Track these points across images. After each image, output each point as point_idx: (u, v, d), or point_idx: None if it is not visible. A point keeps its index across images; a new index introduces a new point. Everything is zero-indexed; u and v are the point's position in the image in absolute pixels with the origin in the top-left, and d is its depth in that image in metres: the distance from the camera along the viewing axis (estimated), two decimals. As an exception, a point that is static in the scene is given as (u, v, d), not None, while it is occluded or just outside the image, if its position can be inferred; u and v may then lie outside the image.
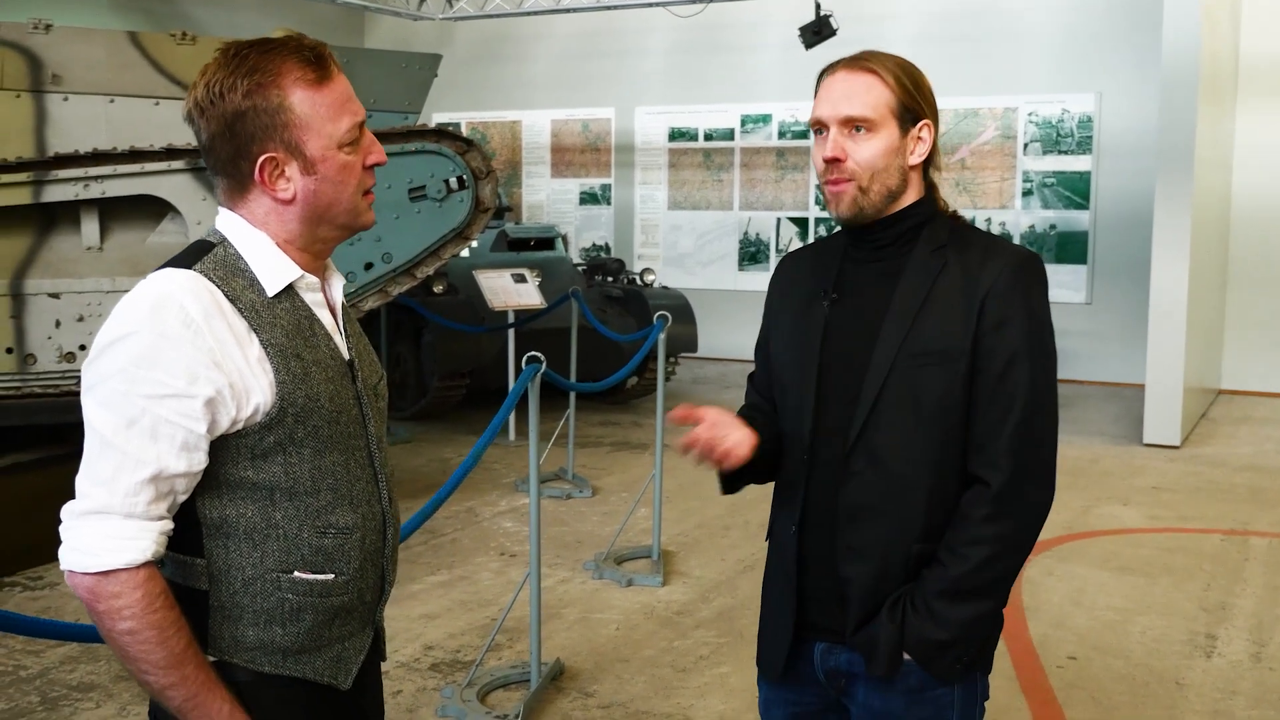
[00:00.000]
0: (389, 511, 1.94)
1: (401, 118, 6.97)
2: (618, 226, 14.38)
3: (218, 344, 1.70)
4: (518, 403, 4.64)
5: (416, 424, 9.72)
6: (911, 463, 2.10)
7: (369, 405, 1.92)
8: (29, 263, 6.10)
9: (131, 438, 1.65)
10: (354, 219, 1.87)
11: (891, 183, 2.13)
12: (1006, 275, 2.09)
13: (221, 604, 1.78)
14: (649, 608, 5.54)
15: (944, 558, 2.07)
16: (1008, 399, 2.07)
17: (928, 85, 2.17)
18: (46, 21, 6.54)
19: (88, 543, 1.65)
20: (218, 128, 1.77)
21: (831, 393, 2.17)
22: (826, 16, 10.85)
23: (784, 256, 2.41)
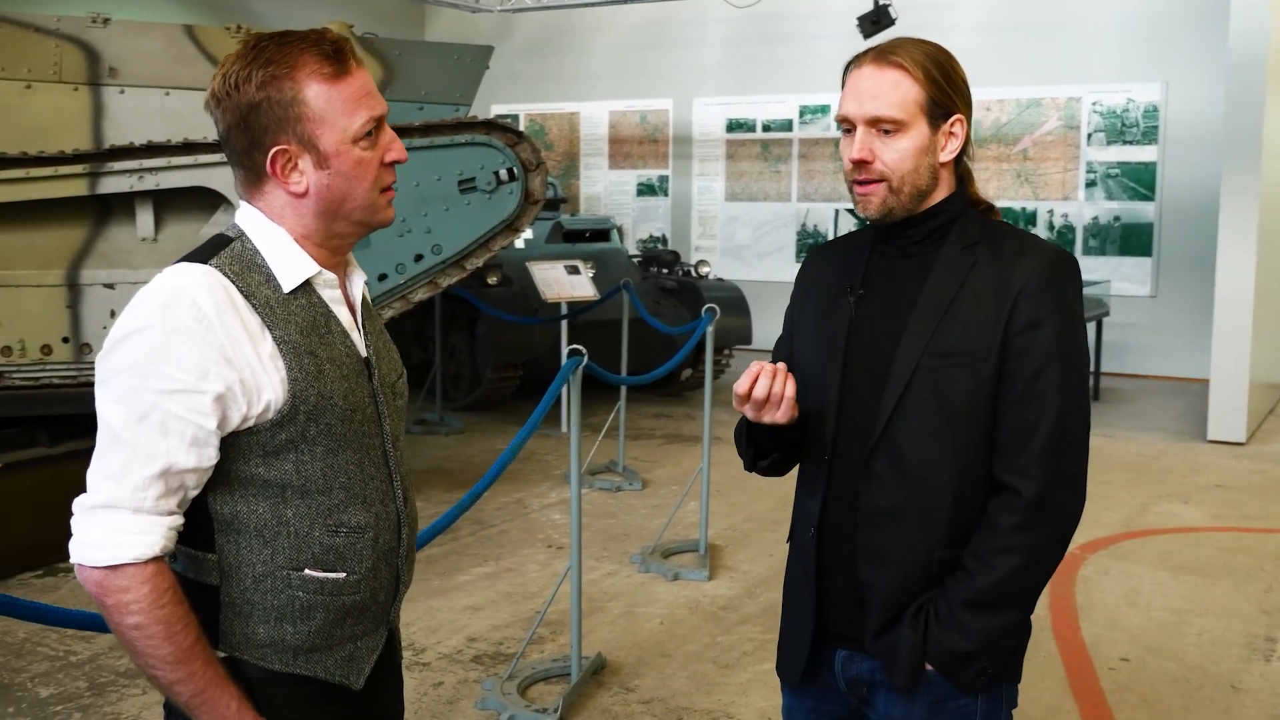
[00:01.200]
0: (404, 511, 1.92)
1: (453, 109, 6.97)
2: (675, 218, 14.34)
3: (230, 340, 1.69)
4: (572, 394, 4.60)
5: (470, 414, 9.75)
6: (935, 465, 2.04)
7: (385, 403, 1.90)
8: (85, 253, 6.19)
9: (141, 432, 1.65)
10: (370, 215, 1.85)
11: (922, 182, 2.06)
12: (1040, 274, 2.02)
13: (232, 600, 1.77)
14: (694, 602, 5.51)
15: (971, 566, 2.01)
16: (1039, 403, 2.00)
17: (961, 75, 2.08)
18: (105, 16, 6.62)
19: (96, 536, 1.65)
20: (233, 119, 1.76)
21: (855, 392, 2.11)
22: (885, 5, 10.73)
23: (811, 250, 2.35)
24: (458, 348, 9.99)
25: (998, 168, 12.44)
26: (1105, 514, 7.07)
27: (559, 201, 11.32)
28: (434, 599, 5.55)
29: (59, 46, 6.43)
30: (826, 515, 2.14)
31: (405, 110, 6.90)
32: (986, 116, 12.41)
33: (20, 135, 6.23)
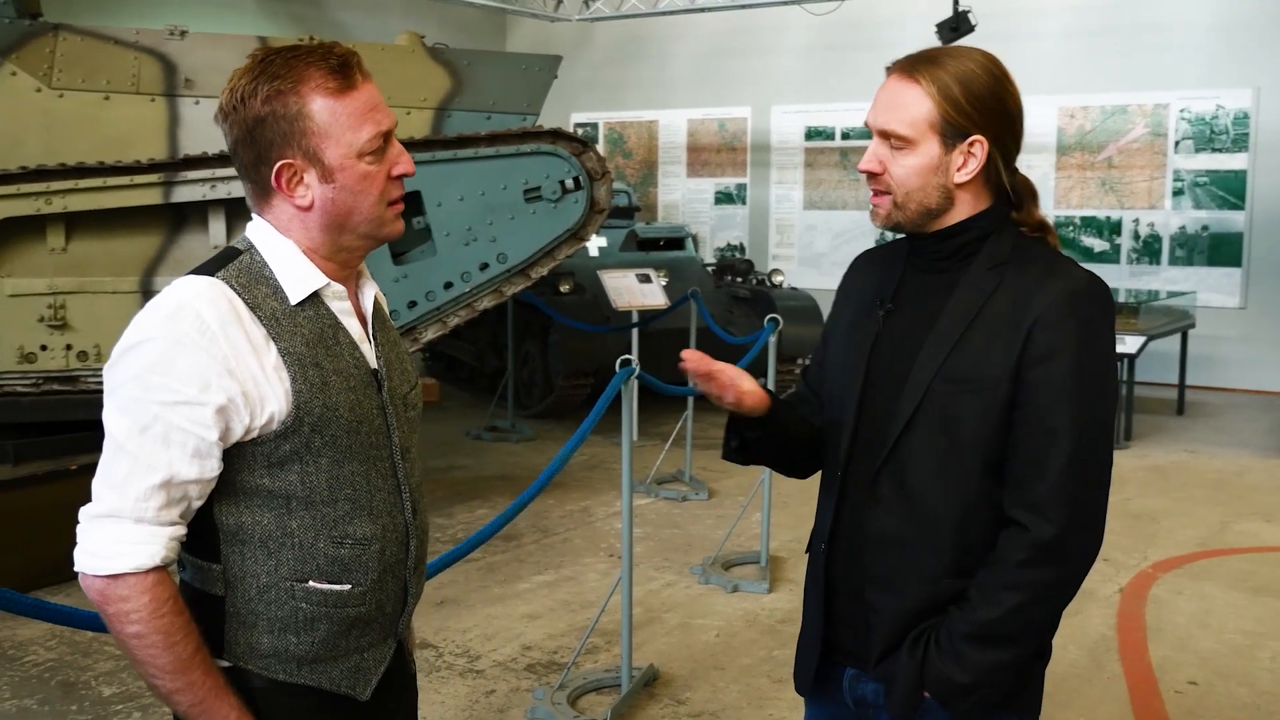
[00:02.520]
0: (413, 523, 1.92)
1: (520, 119, 7.00)
2: (753, 226, 14.28)
3: (233, 351, 1.70)
4: (625, 404, 4.58)
5: (541, 421, 9.79)
6: (940, 494, 1.98)
7: (395, 415, 1.90)
8: (159, 261, 6.33)
9: (144, 443, 1.67)
10: (377, 229, 1.85)
11: (930, 201, 2.00)
12: (1060, 303, 1.93)
13: (237, 610, 1.79)
14: (752, 615, 5.46)
15: (974, 598, 1.95)
16: (1051, 438, 1.92)
17: (995, 95, 1.98)
18: (182, 28, 6.76)
19: (98, 546, 1.67)
20: (240, 133, 1.78)
21: (870, 408, 2.07)
22: (965, 12, 10.59)
23: (858, 255, 2.31)
24: (531, 355, 10.04)
25: (1081, 176, 12.21)
26: (1182, 531, 6.89)
27: (634, 210, 11.33)
28: (492, 606, 5.57)
29: (137, 58, 6.58)
30: (837, 532, 2.12)
31: (473, 120, 6.95)
32: (1070, 124, 12.19)
33: (99, 145, 6.39)
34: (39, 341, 6.19)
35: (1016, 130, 2.03)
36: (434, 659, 4.94)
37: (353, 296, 1.91)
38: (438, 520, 6.97)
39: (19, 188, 6.11)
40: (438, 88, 7.00)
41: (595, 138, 15.13)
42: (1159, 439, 9.59)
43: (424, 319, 6.57)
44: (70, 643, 4.98)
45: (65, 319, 6.18)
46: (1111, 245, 12.13)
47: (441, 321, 6.62)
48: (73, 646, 4.96)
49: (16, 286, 6.15)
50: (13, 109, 6.41)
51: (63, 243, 6.26)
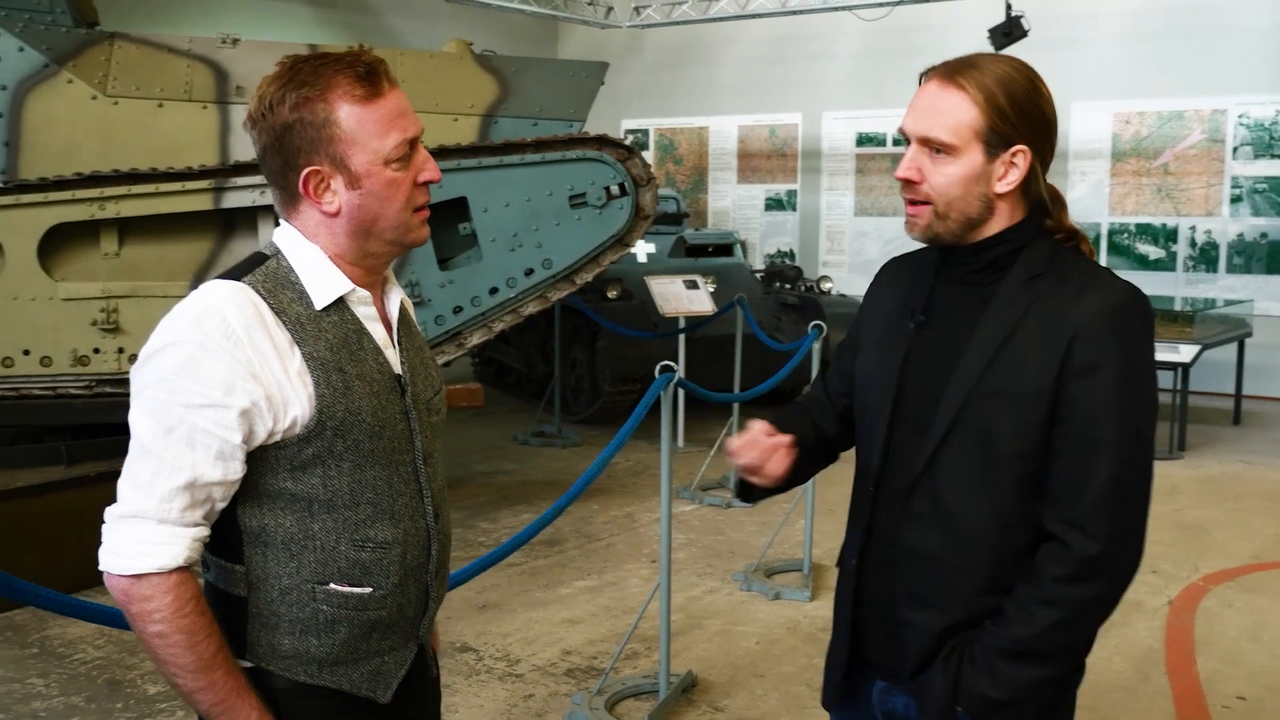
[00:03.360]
0: (435, 527, 1.93)
1: (567, 125, 7.03)
2: (803, 233, 14.24)
3: (257, 356, 1.72)
4: (664, 410, 4.58)
5: (588, 427, 9.81)
6: (978, 510, 1.95)
7: (418, 420, 1.91)
8: (209, 265, 6.42)
9: (169, 445, 1.69)
10: (403, 235, 1.87)
11: (971, 211, 1.97)
12: (1101, 317, 1.90)
13: (259, 611, 1.80)
14: (793, 623, 5.44)
15: (1011, 614, 1.92)
16: (1093, 453, 1.88)
17: (1034, 103, 1.95)
18: (234, 36, 6.86)
19: (123, 546, 1.70)
20: (268, 140, 1.80)
21: (903, 424, 2.04)
22: (1018, 17, 10.50)
23: (888, 261, 2.27)
24: (578, 360, 10.06)
25: (1137, 182, 12.05)
26: (1236, 544, 6.78)
27: (682, 216, 11.33)
28: (534, 610, 5.59)
29: (190, 66, 6.68)
30: (869, 547, 2.09)
31: (520, 126, 6.99)
32: (1125, 130, 12.04)
33: (152, 152, 6.50)
34: (92, 345, 6.30)
35: (1053, 140, 2.00)
36: (474, 662, 4.97)
37: (378, 302, 1.92)
38: (481, 524, 7.01)
39: (74, 194, 6.22)
40: (485, 94, 7.05)
41: (646, 144, 15.15)
42: (1214, 449, 9.44)
43: (469, 324, 6.61)
44: (118, 641, 5.06)
45: (118, 323, 6.29)
46: (1167, 253, 11.97)
47: (487, 327, 6.66)
48: (120, 645, 5.03)
49: (70, 291, 6.27)
50: (69, 116, 6.53)
51: (116, 248, 6.37)
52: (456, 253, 6.68)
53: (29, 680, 4.75)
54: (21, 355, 6.25)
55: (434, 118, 6.89)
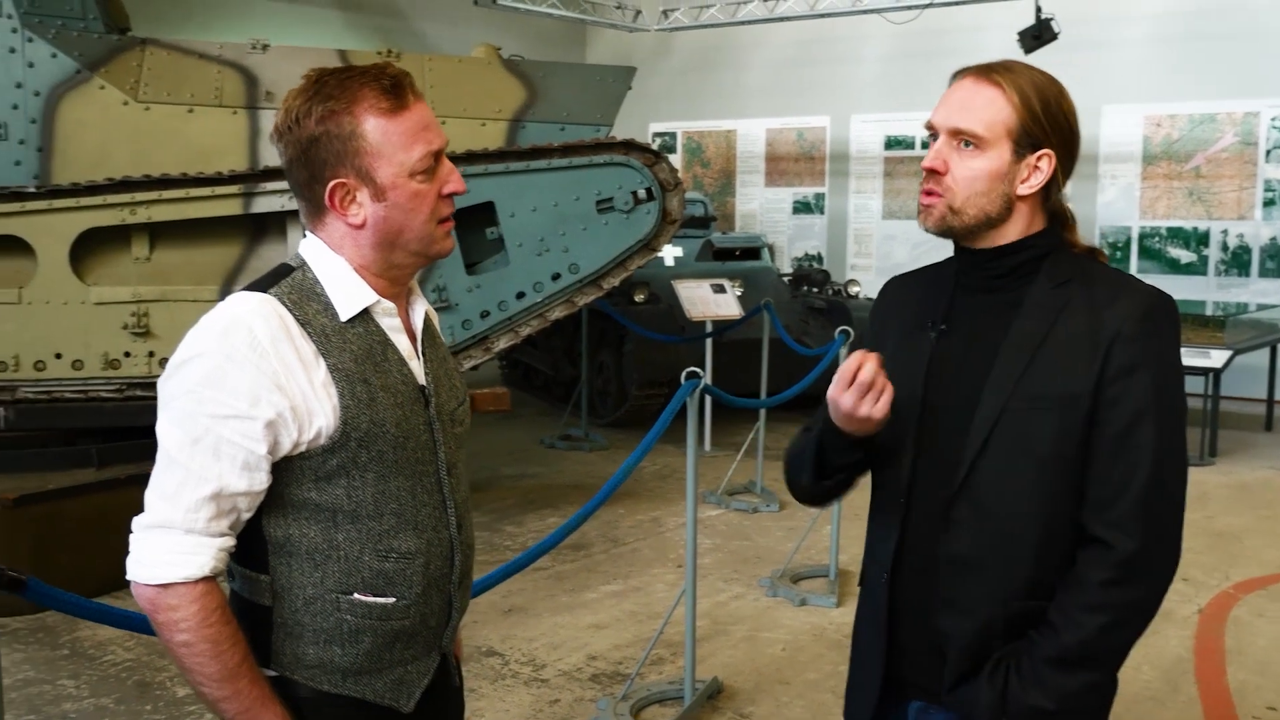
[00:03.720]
0: (458, 538, 1.94)
1: (594, 130, 7.04)
2: (831, 236, 14.20)
3: (283, 367, 1.73)
4: (690, 416, 4.57)
5: (615, 431, 9.81)
6: (1020, 514, 1.95)
7: (442, 431, 1.92)
8: (239, 270, 6.46)
9: (195, 455, 1.71)
10: (427, 247, 1.88)
11: (991, 209, 1.97)
12: (1137, 319, 1.92)
13: (284, 621, 1.82)
14: (819, 629, 5.43)
15: (1056, 621, 1.92)
16: (1134, 455, 1.89)
17: (1063, 111, 1.98)
18: (264, 41, 6.91)
19: (149, 555, 1.72)
20: (295, 152, 1.82)
21: (934, 434, 2.03)
22: (1048, 20, 10.45)
23: (890, 280, 2.27)
24: (605, 364, 10.07)
25: (1168, 186, 11.96)
26: (1267, 551, 6.72)
27: (710, 219, 11.32)
28: (560, 615, 5.60)
29: (220, 72, 6.73)
30: (901, 560, 2.06)
31: (547, 131, 7.00)
32: (1156, 133, 11.95)
33: (182, 157, 6.55)
34: (123, 348, 6.35)
35: (1075, 154, 2.01)
36: (500, 667, 4.98)
37: (403, 313, 1.93)
38: (507, 528, 7.03)
39: (106, 198, 6.28)
40: (513, 99, 7.07)
41: (674, 147, 15.15)
42: (1245, 456, 9.36)
43: (496, 328, 6.63)
44: (148, 644, 5.10)
45: (148, 326, 6.34)
46: (1199, 257, 11.87)
47: (513, 331, 6.67)
48: (150, 647, 5.07)
49: (102, 295, 6.32)
50: (101, 122, 6.59)
51: (147, 252, 6.42)
52: (483, 257, 6.70)
53: (60, 682, 4.80)
54: (54, 358, 6.31)
55: (462, 123, 6.92)
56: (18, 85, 6.48)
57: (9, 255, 6.31)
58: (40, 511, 5.75)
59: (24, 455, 6.17)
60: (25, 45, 6.47)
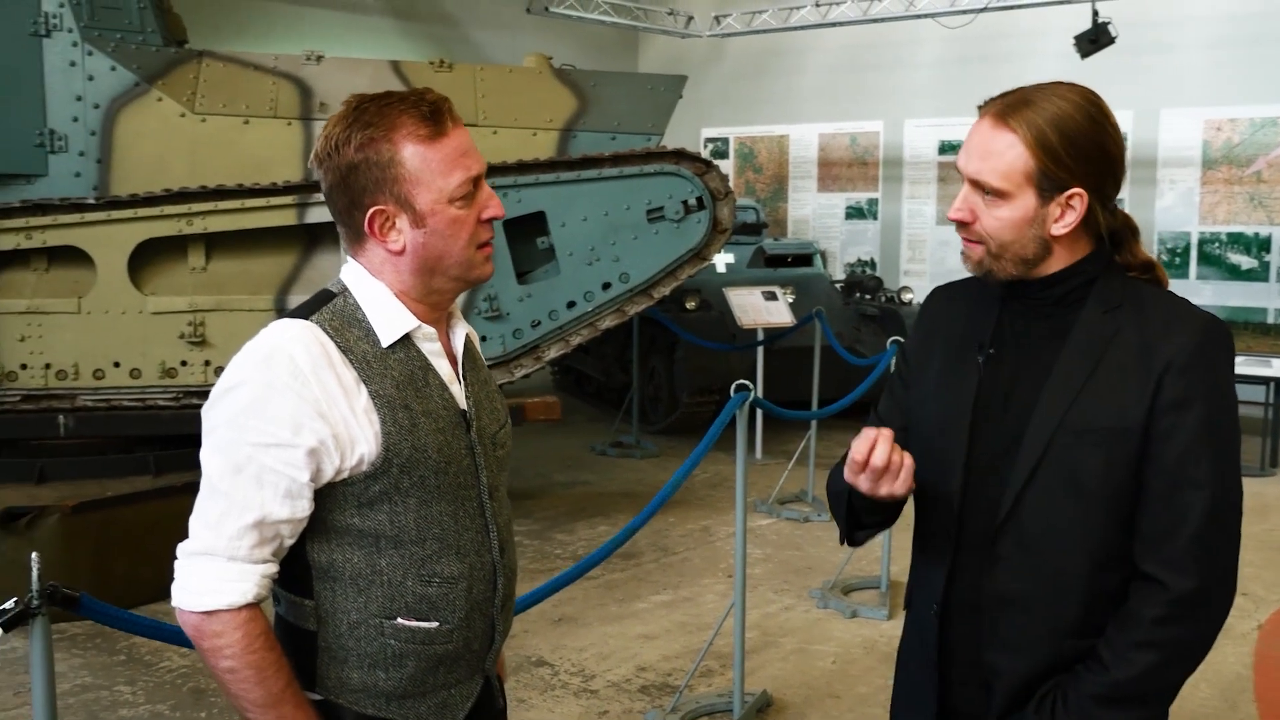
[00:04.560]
0: (500, 561, 1.94)
1: (645, 139, 7.05)
2: (884, 242, 14.10)
3: (324, 395, 1.74)
4: (739, 428, 4.56)
5: (666, 438, 9.81)
6: (1067, 551, 1.90)
7: (483, 455, 1.93)
8: (293, 279, 6.53)
9: (238, 484, 1.73)
10: (467, 272, 1.88)
11: (1027, 253, 1.92)
12: (1191, 347, 1.85)
13: (328, 645, 1.83)
14: (870, 642, 5.39)
15: (1105, 658, 1.87)
16: (1189, 490, 1.84)
17: (1094, 140, 1.88)
18: (318, 53, 6.97)
19: (194, 583, 1.73)
20: (334, 179, 1.83)
21: (981, 464, 1.97)
22: (1105, 23, 10.33)
23: (935, 290, 2.20)
24: (656, 370, 10.07)
25: (1228, 191, 11.76)
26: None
27: (761, 226, 11.29)
28: (609, 625, 5.60)
29: (275, 84, 6.81)
30: (951, 593, 2.02)
31: (598, 140, 7.02)
32: (1217, 137, 11.76)
33: (237, 168, 6.63)
34: (179, 357, 6.44)
35: (1118, 174, 1.93)
36: (549, 677, 4.99)
37: (443, 337, 1.94)
38: (558, 536, 7.04)
39: (163, 209, 6.37)
40: (564, 109, 7.09)
41: (726, 153, 15.13)
42: (1308, 466, 9.19)
43: (547, 337, 6.65)
44: (202, 651, 5.15)
45: (204, 335, 6.42)
46: (1260, 263, 11.66)
47: (564, 340, 6.69)
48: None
49: (159, 304, 6.41)
50: (158, 133, 6.69)
51: (203, 262, 6.51)
52: (534, 267, 6.73)
53: (116, 688, 4.87)
54: (112, 367, 6.40)
55: (513, 132, 6.95)
56: (78, 98, 6.59)
57: (69, 266, 6.42)
58: (99, 518, 5.84)
59: (83, 462, 6.27)
60: (85, 59, 6.58)
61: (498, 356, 6.61)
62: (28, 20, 6.48)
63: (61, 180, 6.57)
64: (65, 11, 6.52)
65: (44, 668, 2.29)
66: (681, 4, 14.44)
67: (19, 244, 6.30)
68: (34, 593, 2.23)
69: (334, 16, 12.19)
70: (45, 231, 6.31)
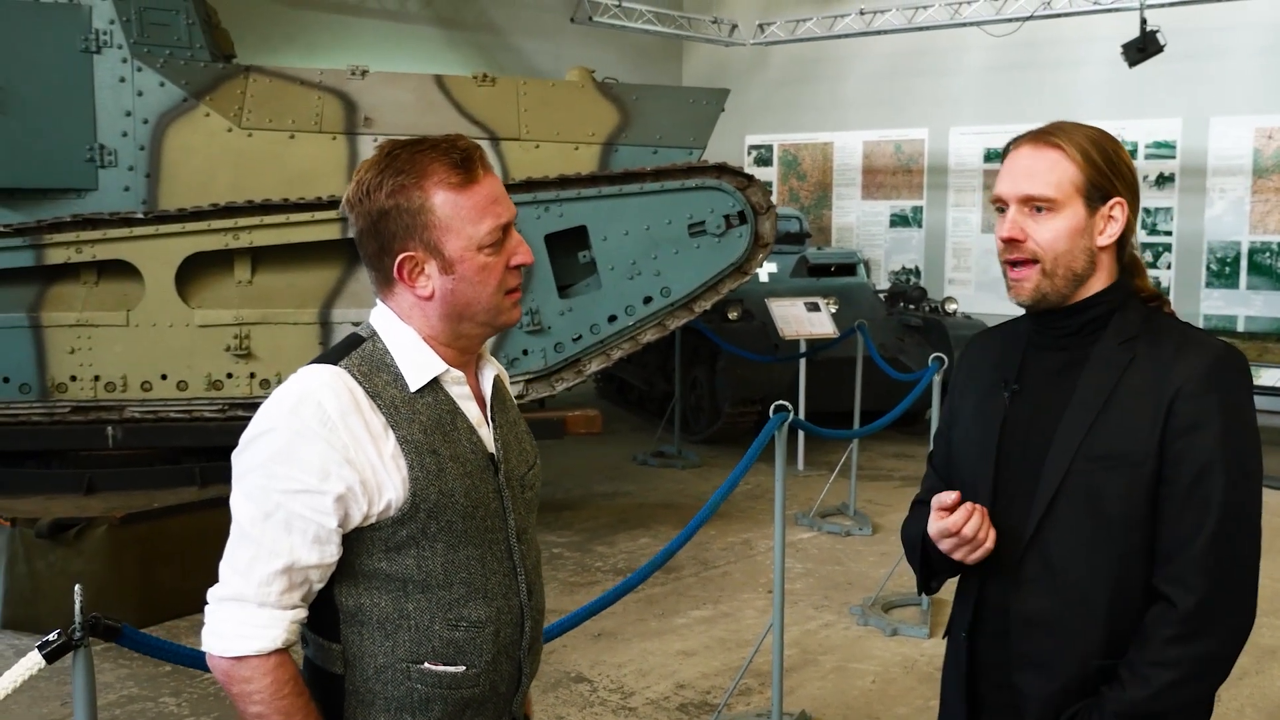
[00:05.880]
0: (528, 605, 1.95)
1: (686, 153, 7.05)
2: (928, 250, 14.02)
3: (352, 441, 1.76)
4: (779, 448, 4.56)
5: (708, 448, 9.80)
6: (1089, 573, 1.97)
7: (511, 498, 1.94)
8: (336, 293, 6.59)
9: (267, 530, 1.75)
10: (494, 317, 1.90)
11: (1077, 265, 2.00)
12: (1200, 375, 1.93)
13: (356, 689, 1.85)
14: (910, 661, 5.37)
15: (1124, 677, 1.93)
16: (1200, 511, 1.90)
17: (1124, 160, 2.03)
18: (363, 68, 7.04)
19: (225, 628, 1.76)
20: (365, 224, 1.85)
21: (1007, 493, 2.06)
22: (1153, 32, 10.21)
23: (973, 337, 2.31)
24: (699, 380, 10.07)
25: (1279, 200, 11.61)
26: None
27: (804, 235, 11.26)
28: (649, 641, 5.61)
29: (320, 98, 6.88)
30: (980, 617, 2.11)
31: (640, 154, 7.03)
32: (1268, 145, 11.60)
33: (283, 182, 6.70)
34: (225, 369, 6.51)
35: (1138, 203, 2.05)
36: (588, 694, 5.00)
37: (472, 380, 1.96)
38: (599, 548, 7.06)
39: (210, 224, 6.45)
40: (606, 122, 7.11)
41: (770, 160, 15.10)
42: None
43: (588, 351, 6.67)
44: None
45: (249, 348, 6.49)
46: (1313, 272, 11.51)
47: (605, 354, 6.71)
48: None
49: (206, 317, 6.49)
50: (206, 148, 6.77)
51: (248, 276, 6.59)
52: (576, 280, 6.75)
53: (161, 699, 4.93)
54: (160, 379, 6.49)
55: (555, 146, 6.98)
56: (127, 113, 6.69)
57: (118, 279, 6.51)
58: (145, 529, 5.92)
59: (131, 473, 6.36)
60: (135, 75, 6.68)
61: (539, 370, 6.64)
62: (79, 37, 6.59)
63: (111, 195, 6.68)
64: (115, 28, 6.62)
65: (86, 697, 2.33)
66: (726, 12, 14.41)
67: (69, 258, 6.41)
68: (76, 624, 2.26)
69: (380, 26, 12.27)
70: (95, 245, 6.41)
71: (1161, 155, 11.90)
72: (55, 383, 6.41)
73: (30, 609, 5.72)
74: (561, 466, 9.03)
